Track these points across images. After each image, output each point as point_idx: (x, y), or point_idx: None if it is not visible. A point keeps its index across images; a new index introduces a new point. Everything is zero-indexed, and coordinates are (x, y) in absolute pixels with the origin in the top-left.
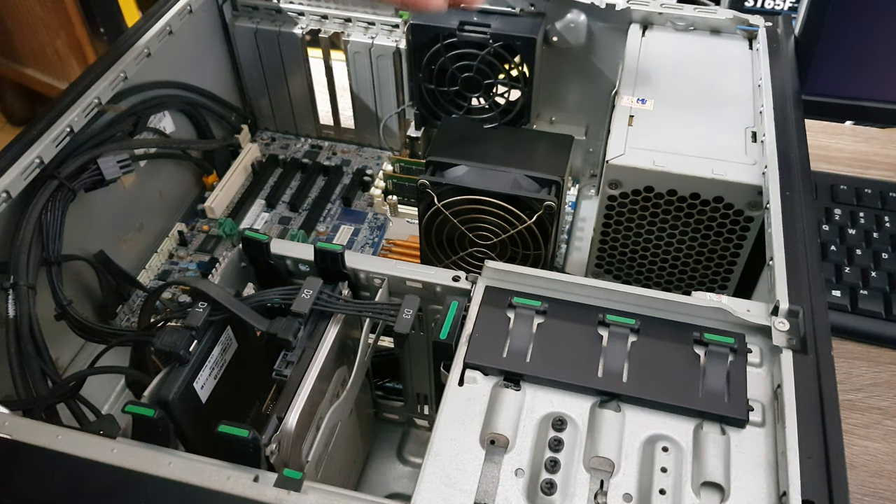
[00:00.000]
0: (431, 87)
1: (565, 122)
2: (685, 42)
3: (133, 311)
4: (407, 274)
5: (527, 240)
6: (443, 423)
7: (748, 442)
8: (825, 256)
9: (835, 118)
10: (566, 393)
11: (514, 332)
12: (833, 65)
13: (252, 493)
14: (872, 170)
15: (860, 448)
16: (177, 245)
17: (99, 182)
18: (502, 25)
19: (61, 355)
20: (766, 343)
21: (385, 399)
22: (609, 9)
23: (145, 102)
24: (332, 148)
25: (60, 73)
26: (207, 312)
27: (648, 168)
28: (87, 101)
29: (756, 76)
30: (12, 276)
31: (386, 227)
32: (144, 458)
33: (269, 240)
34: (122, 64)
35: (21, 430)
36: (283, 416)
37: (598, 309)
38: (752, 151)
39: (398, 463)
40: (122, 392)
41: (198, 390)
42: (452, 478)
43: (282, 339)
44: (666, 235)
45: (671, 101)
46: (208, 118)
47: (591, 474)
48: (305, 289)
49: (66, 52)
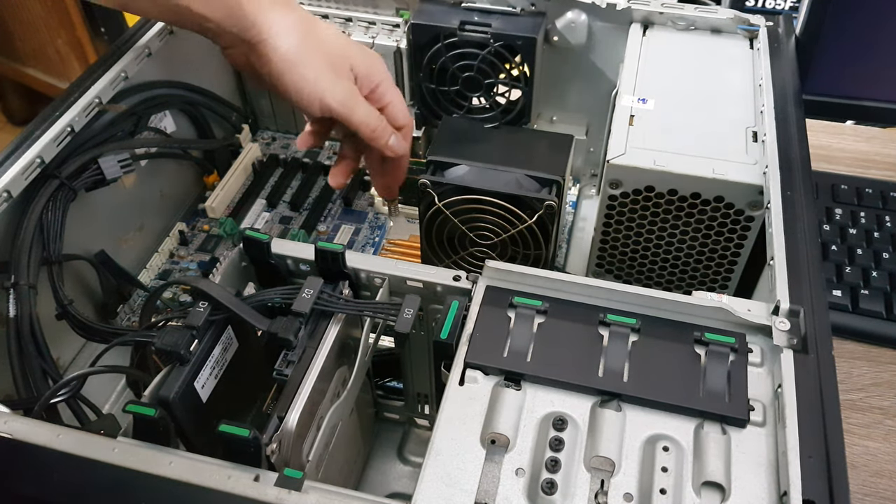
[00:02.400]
0: (432, 87)
1: (566, 121)
2: (686, 42)
3: (134, 310)
4: (407, 273)
5: (527, 239)
6: (443, 423)
7: (749, 442)
8: (826, 256)
9: (836, 118)
10: (567, 392)
11: (514, 331)
12: (834, 64)
13: (253, 493)
14: (873, 169)
15: (861, 448)
16: (177, 244)
17: (100, 182)
18: (503, 25)
19: (62, 355)
20: (767, 343)
21: (386, 399)
22: (610, 8)
23: (146, 102)
24: (333, 148)
25: (61, 73)
26: (208, 312)
27: (649, 168)
28: (87, 101)
29: (757, 76)
30: (13, 275)
31: (386, 226)
32: (145, 458)
33: (269, 239)
34: (122, 63)
35: (22, 430)
36: (284, 416)
37: (599, 308)
38: (753, 151)
39: (399, 462)
40: (122, 391)
41: (198, 390)
42: (453, 477)
43: (282, 339)
44: (667, 235)
45: (672, 100)
46: (209, 118)
47: (592, 474)
48: (306, 288)
49: (67, 51)
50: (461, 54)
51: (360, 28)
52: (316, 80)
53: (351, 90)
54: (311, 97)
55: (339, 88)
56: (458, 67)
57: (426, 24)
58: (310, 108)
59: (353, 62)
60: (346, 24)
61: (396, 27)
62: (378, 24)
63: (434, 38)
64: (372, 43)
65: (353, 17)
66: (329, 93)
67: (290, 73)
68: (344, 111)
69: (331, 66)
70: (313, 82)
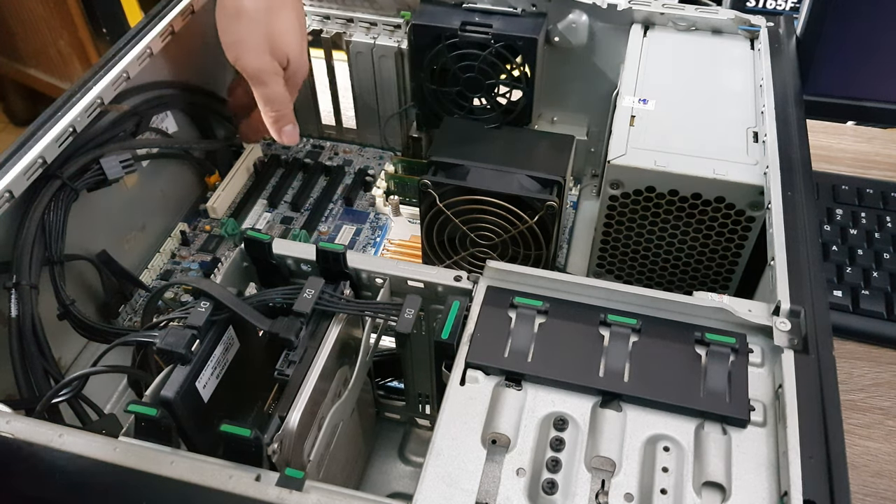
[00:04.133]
0: (433, 88)
1: (567, 122)
2: (687, 42)
3: (135, 310)
4: (408, 274)
5: (528, 240)
6: (444, 423)
7: (749, 442)
8: (826, 256)
9: (836, 118)
10: (567, 392)
11: (515, 331)
12: (834, 65)
13: (254, 493)
14: (874, 170)
15: (861, 448)
16: (179, 245)
17: (101, 182)
18: (504, 26)
19: (64, 355)
20: (768, 343)
21: (387, 399)
22: (611, 9)
23: (148, 102)
24: (334, 148)
25: (63, 73)
26: (209, 312)
27: (650, 168)
28: (89, 101)
29: (757, 76)
30: (15, 275)
31: (387, 227)
32: (146, 458)
33: (270, 239)
34: (124, 63)
35: (24, 430)
36: (285, 416)
37: (600, 309)
38: (754, 151)
39: (400, 462)
40: (124, 391)
41: (200, 390)
42: (454, 477)
43: (284, 339)
44: (667, 235)
45: (673, 101)
46: (210, 118)
47: (593, 474)
48: (307, 288)
49: (69, 52)
50: (462, 55)
51: (362, 28)
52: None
53: (274, 68)
54: (234, 49)
55: (264, 60)
56: (459, 68)
57: (427, 25)
58: (227, 52)
59: (291, 55)
60: (347, 24)
61: (398, 28)
62: (379, 25)
63: (435, 39)
64: (374, 43)
65: (355, 17)
66: (252, 56)
67: (236, 20)
68: (257, 81)
69: (268, 40)
70: (245, 40)
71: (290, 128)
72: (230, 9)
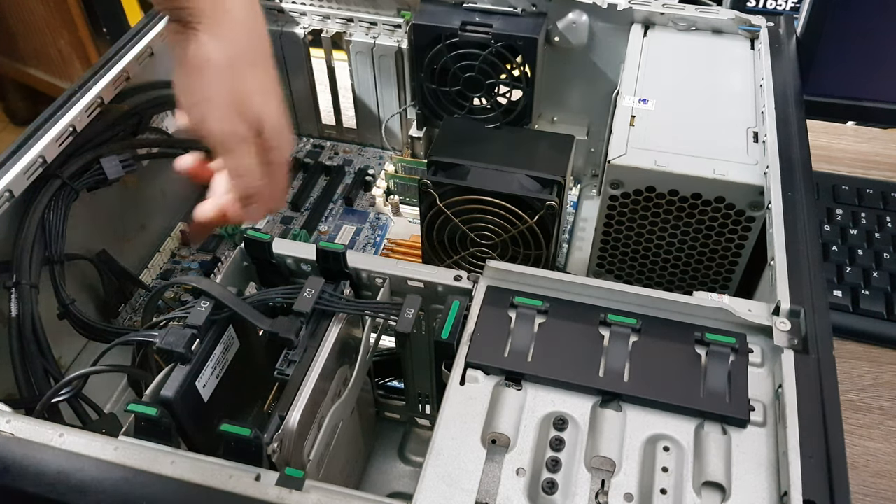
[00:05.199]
0: (433, 87)
1: (567, 121)
2: (687, 42)
3: (135, 310)
4: (408, 273)
5: (528, 240)
6: (444, 423)
7: (749, 442)
8: (826, 257)
9: (836, 118)
10: (567, 392)
11: (515, 331)
12: (835, 65)
13: (254, 492)
14: (874, 170)
15: (861, 448)
16: (179, 244)
17: (102, 181)
18: (504, 25)
19: (64, 354)
20: (768, 343)
21: (387, 398)
22: (611, 9)
23: (148, 102)
24: (335, 148)
25: (63, 73)
26: (209, 312)
27: (650, 168)
28: (89, 101)
29: (758, 76)
30: (15, 275)
31: (387, 226)
32: (146, 457)
33: (271, 239)
34: (124, 63)
35: (24, 429)
36: (285, 415)
37: (600, 309)
38: (754, 151)
39: (399, 462)
40: (124, 391)
41: (200, 389)
42: (454, 477)
43: (284, 338)
44: (667, 235)
45: (673, 101)
46: None
47: (593, 474)
48: (307, 288)
49: (69, 51)
50: (462, 55)
51: (362, 28)
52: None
53: (243, 133)
54: (197, 109)
55: (232, 121)
56: (459, 68)
57: (427, 25)
58: (189, 116)
59: (266, 121)
60: (347, 24)
61: (398, 27)
62: (379, 25)
63: (435, 39)
64: (374, 43)
65: (355, 17)
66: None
67: (198, 76)
68: (222, 150)
69: (235, 100)
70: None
71: (256, 208)
72: (192, 64)
